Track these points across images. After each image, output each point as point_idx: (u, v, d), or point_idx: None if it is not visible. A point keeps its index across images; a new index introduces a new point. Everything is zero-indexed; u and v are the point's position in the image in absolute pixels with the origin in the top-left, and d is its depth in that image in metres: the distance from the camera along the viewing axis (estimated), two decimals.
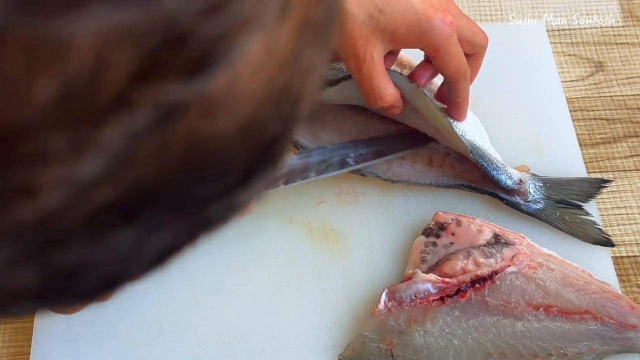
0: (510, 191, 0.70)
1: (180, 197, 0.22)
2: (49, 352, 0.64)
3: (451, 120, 0.69)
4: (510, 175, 0.70)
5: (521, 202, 0.70)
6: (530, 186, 0.71)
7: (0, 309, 0.24)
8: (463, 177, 0.72)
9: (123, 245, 0.22)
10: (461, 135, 0.68)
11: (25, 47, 0.18)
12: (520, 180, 0.71)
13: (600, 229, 0.70)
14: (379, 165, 0.73)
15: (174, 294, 0.67)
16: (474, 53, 0.68)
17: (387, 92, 0.65)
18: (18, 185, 0.19)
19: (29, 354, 0.64)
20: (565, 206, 0.71)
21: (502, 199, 0.71)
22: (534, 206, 0.70)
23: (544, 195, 0.71)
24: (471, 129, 0.70)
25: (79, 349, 0.64)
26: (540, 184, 0.72)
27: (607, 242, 0.69)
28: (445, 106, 0.70)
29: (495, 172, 0.69)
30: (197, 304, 0.67)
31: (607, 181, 0.73)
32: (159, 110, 0.20)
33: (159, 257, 0.25)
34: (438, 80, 0.71)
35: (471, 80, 0.69)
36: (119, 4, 0.18)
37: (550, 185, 0.72)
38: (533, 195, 0.71)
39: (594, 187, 0.73)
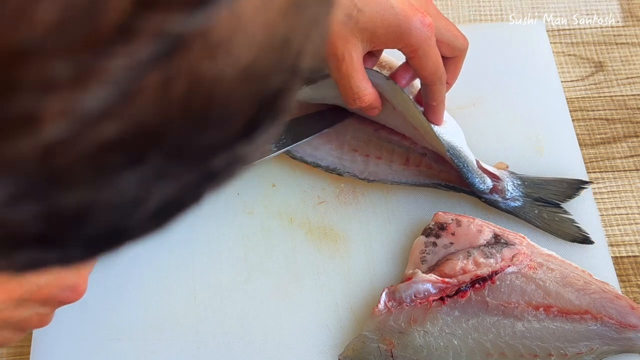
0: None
1: (183, 143, 0.22)
2: (49, 352, 0.64)
3: None
4: (483, 180, 0.69)
5: (499, 199, 0.70)
6: (509, 184, 0.70)
7: (4, 256, 0.24)
8: (440, 177, 0.72)
9: (128, 189, 0.22)
10: (439, 134, 0.68)
11: None
12: (498, 178, 0.70)
13: (578, 227, 0.69)
14: (355, 165, 0.73)
15: (174, 294, 0.67)
16: (453, 56, 0.67)
17: (366, 91, 0.65)
18: (21, 113, 0.19)
19: (29, 354, 0.64)
20: (543, 204, 0.71)
21: (480, 197, 0.70)
22: (512, 204, 0.70)
23: (522, 193, 0.71)
24: (449, 130, 0.69)
25: (79, 349, 0.64)
26: (519, 182, 0.71)
27: (585, 240, 0.69)
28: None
29: (470, 174, 0.68)
30: (197, 304, 0.67)
31: (587, 182, 0.72)
32: (161, 41, 0.20)
33: (164, 210, 0.24)
34: (418, 83, 0.70)
35: (450, 85, 0.68)
36: None
37: (529, 183, 0.71)
38: (511, 193, 0.70)
39: (572, 188, 0.72)
